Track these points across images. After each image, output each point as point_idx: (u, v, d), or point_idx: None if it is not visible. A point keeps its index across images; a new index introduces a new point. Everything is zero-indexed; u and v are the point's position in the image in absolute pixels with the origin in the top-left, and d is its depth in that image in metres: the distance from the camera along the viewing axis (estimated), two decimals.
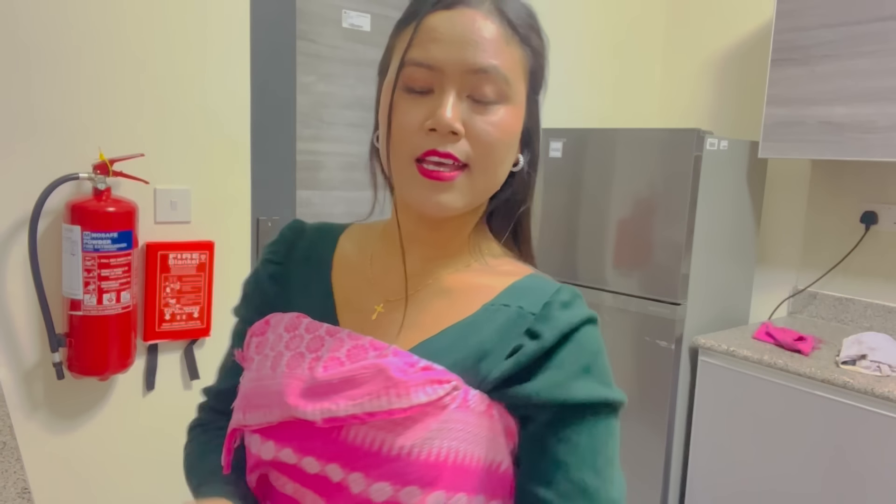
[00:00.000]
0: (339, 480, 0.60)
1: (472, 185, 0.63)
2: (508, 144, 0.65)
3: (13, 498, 0.94)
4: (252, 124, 1.90)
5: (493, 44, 0.62)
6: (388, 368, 0.59)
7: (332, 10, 2.15)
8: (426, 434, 0.58)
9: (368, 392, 0.59)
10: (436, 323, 0.66)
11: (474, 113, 0.62)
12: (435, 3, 0.62)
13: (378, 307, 0.69)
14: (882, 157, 1.97)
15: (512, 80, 0.63)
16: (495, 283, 0.68)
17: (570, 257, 2.45)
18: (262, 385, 0.65)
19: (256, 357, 0.68)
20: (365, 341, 0.64)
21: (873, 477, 1.79)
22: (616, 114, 2.88)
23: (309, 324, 0.68)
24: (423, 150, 0.61)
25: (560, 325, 0.62)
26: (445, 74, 0.61)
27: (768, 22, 2.60)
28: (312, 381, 0.62)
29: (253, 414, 0.65)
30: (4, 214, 1.54)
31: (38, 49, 1.54)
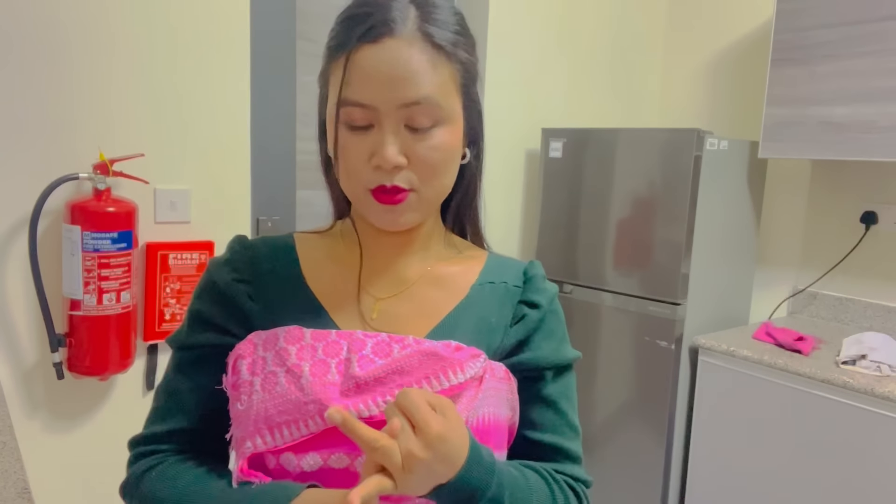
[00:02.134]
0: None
1: (422, 201, 0.69)
2: (451, 158, 0.69)
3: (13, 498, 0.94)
4: (252, 124, 1.90)
5: (421, 74, 0.64)
6: (437, 351, 0.66)
7: (332, 10, 2.14)
8: (475, 403, 0.66)
9: (425, 375, 0.65)
10: (438, 309, 0.73)
11: (414, 141, 0.65)
12: (360, 37, 0.64)
13: (375, 306, 0.73)
14: (882, 157, 1.97)
15: (444, 102, 0.66)
16: (471, 267, 0.78)
17: (570, 257, 2.45)
18: (287, 401, 0.64)
19: (256, 378, 0.66)
20: (383, 336, 0.68)
21: (873, 477, 1.79)
22: (616, 114, 2.88)
23: (314, 333, 0.68)
24: (373, 185, 0.66)
25: (549, 295, 0.77)
26: (381, 112, 0.64)
27: (768, 22, 2.60)
28: (352, 380, 0.65)
29: (280, 433, 0.64)
30: (4, 214, 1.54)
31: (38, 49, 1.54)
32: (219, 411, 0.71)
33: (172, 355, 0.76)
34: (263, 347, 0.68)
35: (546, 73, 2.59)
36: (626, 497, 2.33)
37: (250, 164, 1.88)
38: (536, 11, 2.51)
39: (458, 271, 0.76)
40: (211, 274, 0.74)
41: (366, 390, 0.64)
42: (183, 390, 0.73)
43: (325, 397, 0.63)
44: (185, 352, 0.74)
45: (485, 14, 2.37)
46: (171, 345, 0.75)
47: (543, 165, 2.50)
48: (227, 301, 0.72)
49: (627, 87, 2.90)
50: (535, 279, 0.77)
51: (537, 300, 0.75)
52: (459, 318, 0.73)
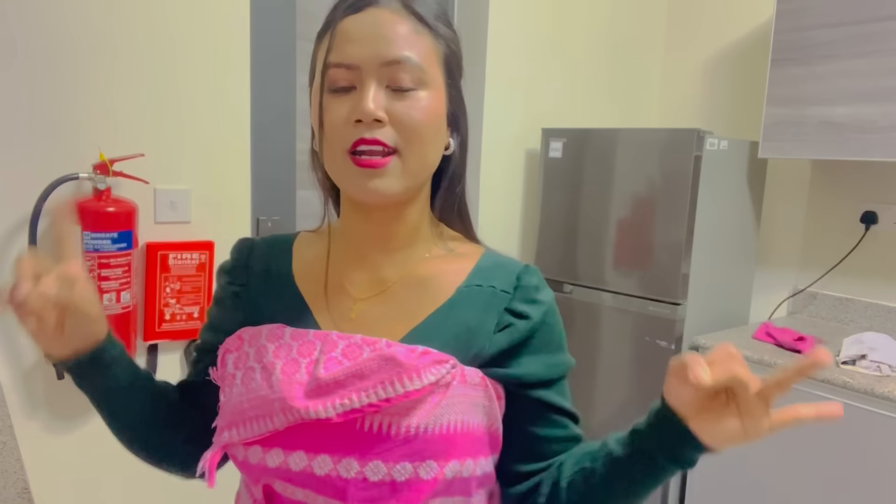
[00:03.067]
0: (355, 475, 0.63)
1: (405, 168, 0.67)
2: (433, 126, 0.68)
3: (13, 498, 0.94)
4: (252, 124, 1.90)
5: (404, 37, 0.66)
6: (395, 356, 0.64)
7: None
8: (437, 411, 0.64)
9: (381, 380, 0.63)
10: (418, 312, 0.71)
11: (395, 100, 0.66)
12: (346, 10, 0.68)
13: (355, 306, 0.73)
14: (882, 157, 1.97)
15: (426, 67, 0.67)
16: (460, 266, 0.74)
17: (570, 257, 2.45)
18: (258, 396, 0.66)
19: (238, 371, 0.69)
20: (356, 339, 0.68)
21: (873, 477, 1.79)
22: (616, 114, 2.88)
23: (293, 332, 0.70)
24: (352, 140, 0.65)
25: (542, 308, 0.72)
26: (363, 70, 0.66)
27: (768, 22, 2.60)
28: (316, 381, 0.65)
29: (249, 427, 0.66)
30: (4, 214, 1.54)
31: (38, 49, 1.54)
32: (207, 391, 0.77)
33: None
34: (249, 343, 0.70)
35: (546, 73, 2.59)
36: None
37: (250, 164, 1.88)
38: (536, 11, 2.51)
39: (444, 272, 0.73)
40: (215, 278, 0.81)
41: (326, 392, 0.64)
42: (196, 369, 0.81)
43: (290, 395, 0.65)
44: (200, 343, 0.81)
45: (485, 14, 2.37)
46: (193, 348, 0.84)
47: (543, 165, 2.50)
48: (223, 304, 0.78)
49: (627, 87, 2.90)
50: (527, 288, 0.72)
51: (526, 311, 0.71)
52: (439, 321, 0.70)
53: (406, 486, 0.63)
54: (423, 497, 0.64)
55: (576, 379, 2.44)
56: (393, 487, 0.63)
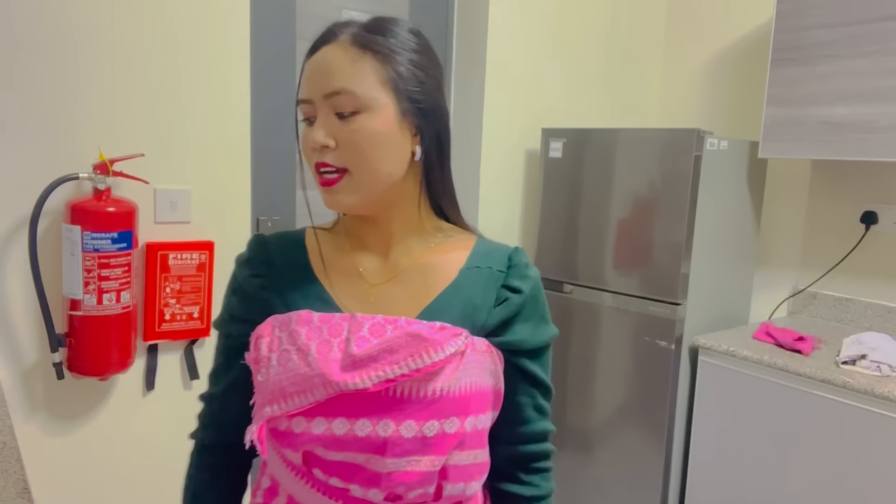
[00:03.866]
0: (391, 433, 0.74)
1: (356, 183, 0.78)
2: (378, 143, 0.77)
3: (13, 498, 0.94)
4: (252, 124, 1.90)
5: (340, 69, 0.76)
6: (420, 332, 0.76)
7: (332, 10, 2.15)
8: (455, 375, 0.77)
9: (409, 354, 0.75)
10: (428, 292, 0.83)
11: (341, 126, 0.76)
12: (309, 52, 0.80)
13: (372, 290, 0.83)
14: (882, 157, 1.97)
15: (363, 93, 0.76)
16: (460, 252, 0.86)
17: (570, 257, 2.45)
18: (297, 374, 0.75)
19: (273, 354, 0.78)
20: (378, 319, 0.78)
21: (873, 477, 1.79)
22: (616, 114, 2.88)
23: (321, 316, 0.79)
24: (313, 163, 0.79)
25: (532, 281, 0.86)
26: (315, 104, 0.78)
27: (768, 22, 2.60)
28: (350, 357, 0.75)
29: (291, 401, 0.75)
30: (4, 214, 1.54)
31: (37, 49, 1.54)
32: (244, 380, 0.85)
33: (217, 336, 0.89)
34: (279, 329, 0.79)
35: (546, 73, 2.59)
36: (626, 497, 2.33)
37: (250, 164, 1.88)
38: (536, 11, 2.51)
39: (447, 258, 0.85)
40: (234, 273, 0.87)
41: (361, 366, 0.75)
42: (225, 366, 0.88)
43: (328, 371, 0.74)
44: (224, 338, 0.88)
45: (485, 14, 2.37)
46: (216, 328, 0.89)
47: (543, 165, 2.50)
48: (247, 295, 0.85)
49: (627, 88, 2.90)
50: (519, 266, 0.86)
51: (519, 286, 0.84)
52: (447, 299, 0.82)
53: (435, 439, 0.75)
54: (449, 448, 0.76)
55: (576, 379, 2.44)
56: (424, 442, 0.75)
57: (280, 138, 2.09)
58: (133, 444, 1.77)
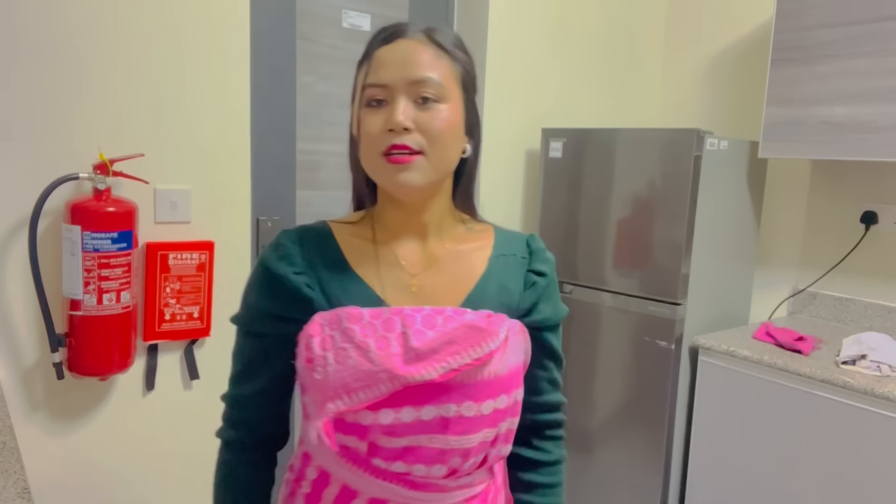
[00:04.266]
0: (454, 415, 0.81)
1: (429, 165, 0.82)
2: (451, 132, 0.84)
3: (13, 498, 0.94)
4: (252, 124, 1.90)
5: (427, 61, 0.82)
6: (476, 324, 0.83)
7: (332, 10, 2.15)
8: (503, 358, 0.85)
9: (470, 345, 0.81)
10: (466, 281, 0.89)
11: (420, 111, 0.81)
12: (381, 41, 0.84)
13: (413, 281, 0.88)
14: (882, 157, 1.97)
15: (445, 85, 0.83)
16: (484, 242, 0.94)
17: (570, 257, 2.45)
18: (360, 371, 0.79)
19: (328, 352, 0.81)
20: (427, 310, 0.83)
21: (873, 477, 1.79)
22: (616, 114, 2.88)
23: (370, 312, 0.82)
24: (385, 146, 0.81)
25: (551, 264, 0.96)
26: (394, 88, 0.81)
27: (768, 22, 2.60)
28: (413, 351, 0.80)
29: (356, 396, 0.79)
30: (4, 214, 1.54)
31: (38, 49, 1.54)
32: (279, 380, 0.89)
33: (240, 333, 0.89)
34: (329, 327, 0.82)
35: (546, 73, 2.59)
36: (626, 497, 2.33)
37: (250, 164, 1.88)
38: (536, 11, 2.51)
39: (474, 246, 0.92)
40: (269, 269, 0.86)
41: (423, 358, 0.80)
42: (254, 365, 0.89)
43: (392, 366, 0.79)
44: (252, 337, 0.88)
45: (485, 14, 2.37)
46: (238, 326, 0.90)
47: (543, 165, 2.50)
48: (288, 293, 0.85)
49: (627, 87, 2.90)
50: (539, 251, 0.95)
51: (543, 269, 0.94)
52: (485, 286, 0.89)
53: (490, 415, 0.83)
54: (500, 421, 0.85)
55: (576, 378, 2.44)
56: (481, 418, 0.83)
57: (280, 138, 2.09)
58: (133, 444, 1.77)
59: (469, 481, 0.87)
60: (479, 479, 0.89)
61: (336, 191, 2.22)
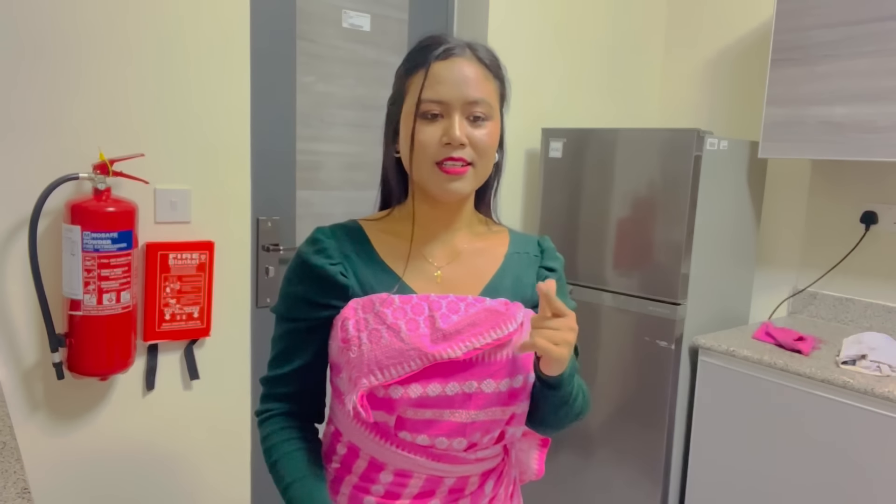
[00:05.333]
0: (475, 391, 0.90)
1: (476, 175, 0.94)
2: (494, 146, 0.96)
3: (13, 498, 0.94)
4: (252, 124, 1.90)
5: (479, 82, 0.92)
6: (496, 308, 0.92)
7: (332, 10, 2.15)
8: (520, 341, 0.90)
9: (491, 326, 0.90)
10: (484, 273, 1.00)
11: (473, 129, 0.92)
12: (437, 57, 0.92)
13: (438, 273, 0.98)
14: (882, 157, 1.97)
15: (492, 104, 0.94)
16: (501, 240, 1.05)
17: (570, 257, 2.45)
18: (392, 349, 0.87)
19: (362, 333, 0.89)
20: (451, 297, 0.92)
21: (873, 477, 1.79)
22: (616, 114, 2.88)
23: (401, 298, 0.91)
24: (442, 157, 0.91)
25: (561, 262, 1.07)
26: (451, 105, 0.91)
27: (768, 22, 2.60)
28: (439, 331, 0.89)
29: (388, 372, 0.87)
30: (4, 214, 1.54)
31: (38, 49, 1.54)
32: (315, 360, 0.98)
33: (279, 321, 0.98)
34: (363, 311, 0.91)
35: (546, 73, 2.59)
36: (626, 497, 2.33)
37: (250, 164, 1.88)
38: (536, 11, 2.51)
39: (492, 244, 1.03)
40: (307, 261, 0.95)
41: (449, 338, 0.89)
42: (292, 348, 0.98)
43: (421, 345, 0.88)
44: (290, 322, 0.97)
45: (485, 14, 2.37)
46: (277, 315, 0.98)
47: (543, 165, 2.50)
48: (325, 282, 0.94)
49: (627, 87, 2.90)
50: (550, 250, 1.07)
51: (554, 266, 1.05)
52: (502, 279, 1.00)
53: (508, 393, 0.92)
54: (517, 399, 0.93)
55: None
56: (499, 395, 0.91)
57: (280, 138, 2.09)
58: (133, 444, 1.77)
59: (487, 454, 0.96)
60: (495, 454, 0.99)
61: (336, 191, 2.22)
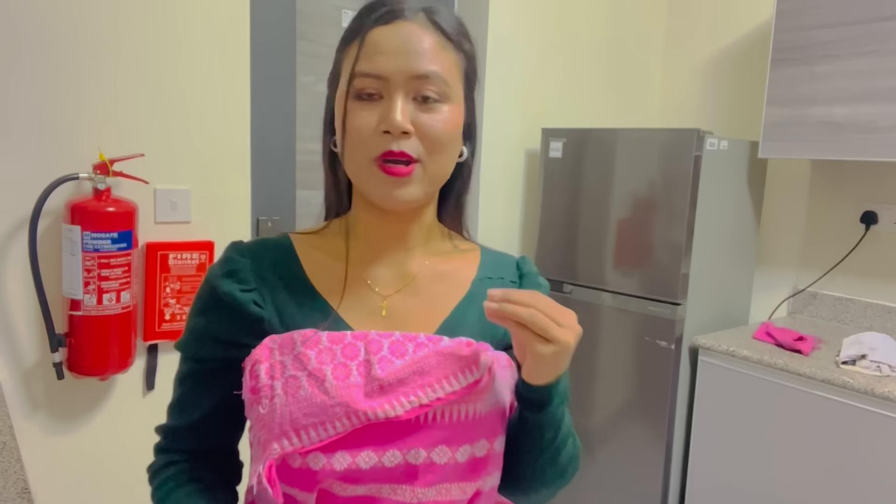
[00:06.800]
0: (423, 461, 0.68)
1: (426, 176, 0.71)
2: (453, 137, 0.73)
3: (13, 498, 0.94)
4: (252, 124, 1.90)
5: (431, 51, 0.70)
6: (453, 351, 0.69)
7: (332, 10, 2.15)
8: (487, 395, 0.70)
9: (444, 375, 0.68)
10: (443, 305, 0.77)
11: (420, 112, 0.70)
12: (376, 20, 0.70)
13: (383, 304, 0.75)
14: (882, 157, 1.97)
15: (450, 81, 0.72)
16: (468, 262, 0.82)
17: (570, 257, 2.45)
18: (313, 404, 0.66)
19: (276, 381, 0.68)
20: (396, 336, 0.71)
21: (873, 477, 1.79)
22: (616, 114, 2.88)
23: (329, 335, 0.70)
24: (379, 151, 0.69)
25: (545, 290, 0.83)
26: (392, 82, 0.69)
27: (768, 22, 2.60)
28: (375, 381, 0.68)
29: (307, 435, 0.66)
30: (4, 214, 1.54)
31: (38, 49, 1.54)
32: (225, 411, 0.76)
33: (182, 360, 0.78)
34: (280, 352, 0.69)
35: (546, 73, 2.59)
36: (626, 497, 2.33)
37: (250, 164, 1.88)
38: (536, 11, 2.51)
39: (457, 266, 0.80)
40: (214, 287, 0.74)
41: (389, 391, 0.67)
42: (196, 394, 0.77)
43: (351, 399, 0.66)
44: (194, 363, 0.76)
45: (485, 14, 2.37)
46: (181, 352, 0.78)
47: (543, 165, 2.50)
48: (235, 313, 0.73)
49: (627, 87, 2.90)
50: (530, 276, 0.83)
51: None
52: (465, 312, 0.77)
53: (468, 464, 0.70)
54: (481, 473, 0.71)
55: (576, 379, 2.44)
56: (457, 467, 0.69)
57: (280, 138, 2.09)
58: (133, 444, 1.77)
59: None
60: None
61: None
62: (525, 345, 0.65)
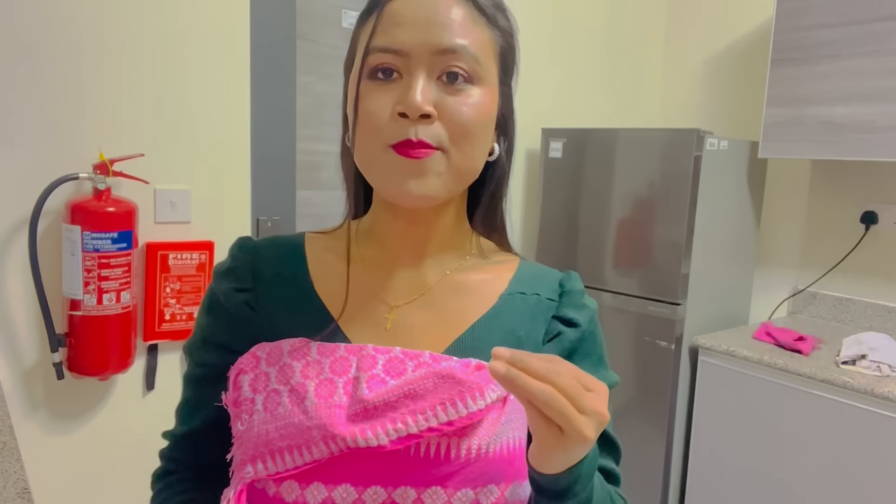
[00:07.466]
0: (412, 503, 0.57)
1: (449, 169, 0.59)
2: (484, 126, 0.61)
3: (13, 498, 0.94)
4: (252, 124, 1.89)
5: (460, 23, 0.59)
6: (453, 373, 0.58)
7: (332, 10, 2.15)
8: (497, 429, 0.59)
9: (440, 401, 0.57)
10: (460, 320, 0.65)
11: (446, 94, 0.59)
12: None
13: (389, 315, 0.65)
14: (882, 157, 1.97)
15: (482, 59, 0.60)
16: (500, 274, 0.69)
17: (570, 257, 2.45)
18: (289, 423, 0.58)
19: (258, 395, 0.60)
20: (396, 352, 0.61)
21: (873, 477, 1.79)
22: (616, 114, 2.88)
23: (320, 347, 0.61)
24: (395, 139, 0.58)
25: (589, 313, 0.69)
26: (412, 57, 0.58)
27: (768, 22, 2.60)
28: (360, 403, 0.58)
29: (281, 459, 0.57)
30: (4, 214, 1.54)
31: (38, 49, 1.54)
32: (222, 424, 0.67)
33: (188, 362, 0.73)
34: (267, 362, 0.61)
35: (546, 73, 2.59)
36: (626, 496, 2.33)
37: (250, 164, 1.88)
38: (536, 11, 2.51)
39: (484, 279, 0.68)
40: (212, 285, 0.68)
41: (374, 416, 0.57)
42: (195, 402, 0.71)
43: (330, 422, 0.57)
44: (195, 367, 0.70)
45: None
46: (186, 354, 0.73)
47: (543, 165, 2.50)
48: (228, 315, 0.67)
49: (627, 87, 2.90)
50: (574, 294, 0.69)
51: (575, 318, 0.67)
52: (485, 330, 0.64)
53: None
54: None
55: None
56: None
57: (280, 138, 2.09)
58: (133, 444, 1.77)
59: None
60: None
61: (336, 191, 2.22)
62: (531, 426, 0.51)
